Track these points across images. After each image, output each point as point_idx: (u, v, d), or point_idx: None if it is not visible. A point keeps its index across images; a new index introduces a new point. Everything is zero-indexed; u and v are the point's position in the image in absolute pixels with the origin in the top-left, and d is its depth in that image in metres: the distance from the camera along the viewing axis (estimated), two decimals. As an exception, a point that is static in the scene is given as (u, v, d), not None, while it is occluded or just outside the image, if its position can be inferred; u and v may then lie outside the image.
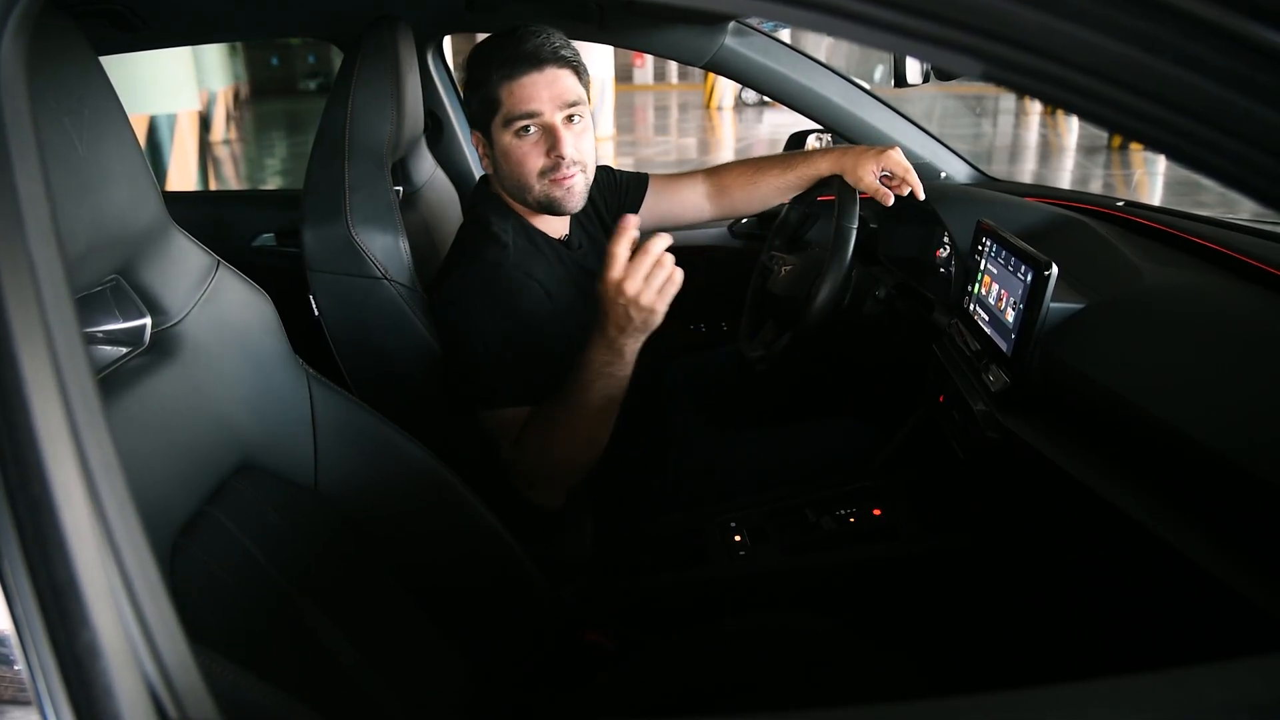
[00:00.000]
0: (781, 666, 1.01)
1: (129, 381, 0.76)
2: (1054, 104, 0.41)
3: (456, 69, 1.84)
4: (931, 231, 1.59)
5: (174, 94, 6.56)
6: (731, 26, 1.72)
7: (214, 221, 1.97)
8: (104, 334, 0.77)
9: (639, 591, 1.33)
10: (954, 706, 0.43)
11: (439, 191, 1.73)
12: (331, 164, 1.32)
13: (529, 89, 1.23)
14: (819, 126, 1.84)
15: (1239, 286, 1.01)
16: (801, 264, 1.50)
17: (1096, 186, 7.30)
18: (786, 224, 1.64)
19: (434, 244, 1.59)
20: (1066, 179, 7.83)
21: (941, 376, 1.29)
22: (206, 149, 7.48)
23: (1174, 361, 0.91)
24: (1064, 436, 0.98)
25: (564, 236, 1.40)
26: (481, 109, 1.29)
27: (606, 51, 10.62)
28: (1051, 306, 1.03)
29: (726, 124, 12.89)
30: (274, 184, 8.47)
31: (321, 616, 0.84)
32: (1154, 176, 7.64)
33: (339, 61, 1.46)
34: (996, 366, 1.12)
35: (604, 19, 1.71)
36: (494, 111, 1.27)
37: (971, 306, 1.25)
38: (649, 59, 16.94)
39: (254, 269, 0.99)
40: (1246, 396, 0.81)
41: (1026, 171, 8.25)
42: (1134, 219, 1.36)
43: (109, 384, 0.74)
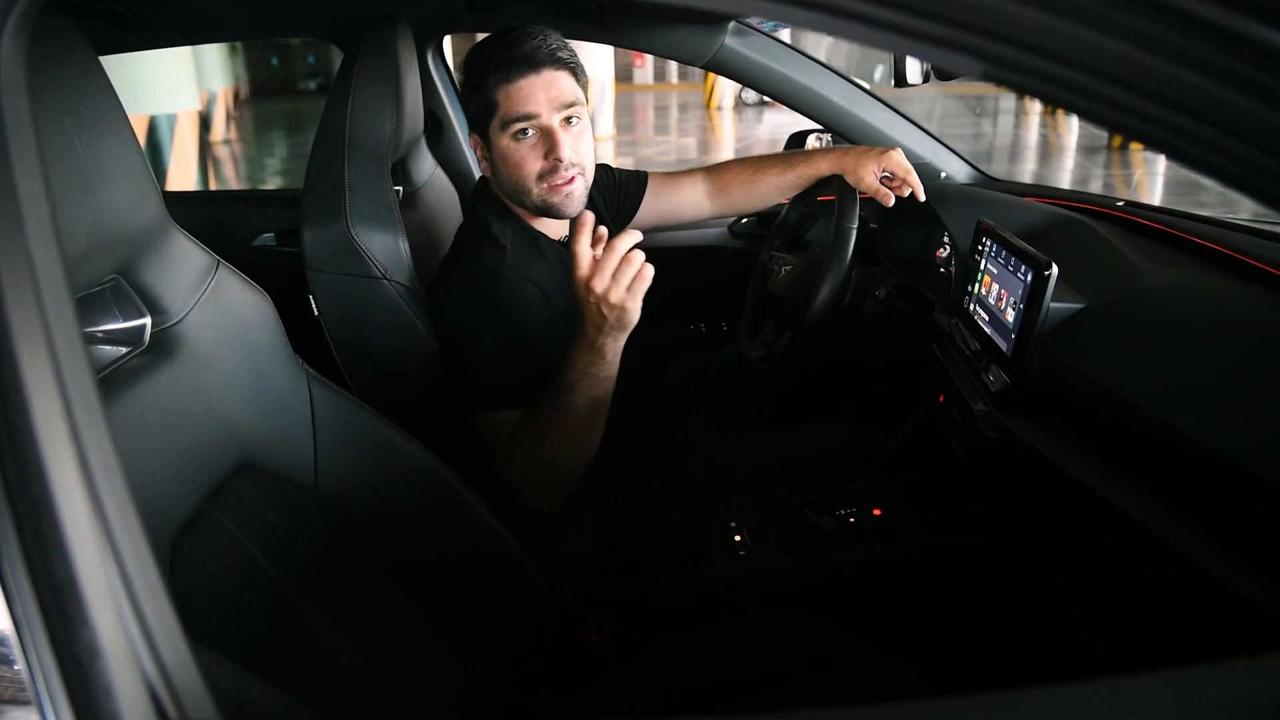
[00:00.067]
0: (781, 666, 1.01)
1: (129, 381, 0.76)
2: (1054, 104, 0.41)
3: (456, 69, 1.84)
4: (931, 231, 1.59)
5: (174, 94, 6.56)
6: (731, 26, 1.72)
7: (214, 221, 1.97)
8: (104, 334, 0.77)
9: (639, 591, 1.33)
10: (954, 706, 0.43)
11: (439, 191, 1.73)
12: (331, 164, 1.32)
13: (525, 91, 1.23)
14: (819, 126, 1.84)
15: (1239, 286, 1.01)
16: (801, 264, 1.50)
17: (1096, 186, 7.30)
18: (786, 224, 1.64)
19: (434, 244, 1.59)
20: (1066, 179, 7.83)
21: (941, 376, 1.29)
22: (206, 149, 7.48)
23: (1174, 361, 0.91)
24: (1064, 436, 0.98)
25: (564, 238, 1.40)
26: (479, 112, 1.28)
27: (606, 51, 10.62)
28: (1051, 306, 1.03)
29: (726, 124, 12.89)
30: (274, 184, 8.47)
31: (321, 616, 0.84)
32: (1154, 176, 7.64)
33: (339, 61, 1.46)
34: (996, 366, 1.12)
35: (604, 19, 1.71)
36: (491, 114, 1.26)
37: (971, 306, 1.25)
38: (649, 59, 16.95)
39: (254, 269, 0.99)
40: (1246, 396, 0.81)
41: (1026, 171, 8.26)
42: (1134, 219, 1.36)
43: (109, 384, 0.74)
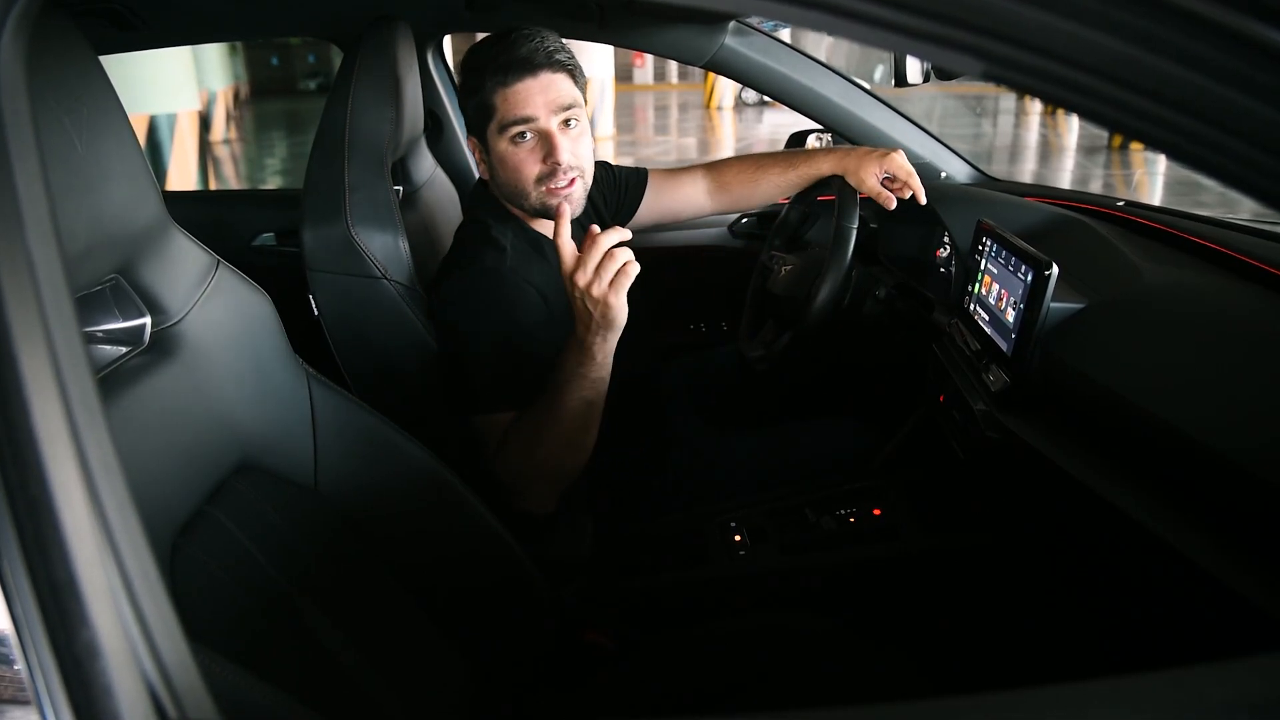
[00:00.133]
0: (781, 666, 1.01)
1: (129, 381, 0.76)
2: (1055, 103, 0.41)
3: (456, 69, 1.84)
4: (932, 231, 1.59)
5: (174, 93, 6.56)
6: (732, 26, 1.72)
7: (214, 221, 1.97)
8: (104, 333, 0.77)
9: (639, 591, 1.33)
10: (954, 706, 0.42)
11: (439, 191, 1.73)
12: (331, 164, 1.32)
13: (523, 95, 1.22)
14: (819, 126, 1.84)
15: (1239, 286, 1.01)
16: (801, 264, 1.50)
17: (1096, 186, 7.30)
18: (786, 224, 1.64)
19: (434, 244, 1.59)
20: (1066, 179, 7.83)
21: (941, 376, 1.29)
22: (206, 149, 7.48)
23: (1174, 361, 0.91)
24: (1064, 436, 0.98)
25: None
26: (476, 115, 1.27)
27: (606, 51, 10.62)
28: (1052, 306, 1.03)
29: (726, 124, 12.90)
30: (274, 184, 8.47)
31: (321, 616, 0.84)
32: (1154, 176, 7.65)
33: (339, 61, 1.46)
34: (996, 366, 1.12)
35: (604, 18, 1.71)
36: (489, 118, 1.25)
37: (971, 306, 1.25)
38: (649, 59, 16.95)
39: (254, 269, 0.99)
40: (1246, 396, 0.81)
41: (1026, 171, 8.26)
42: (1134, 219, 1.36)
43: (109, 383, 0.74)
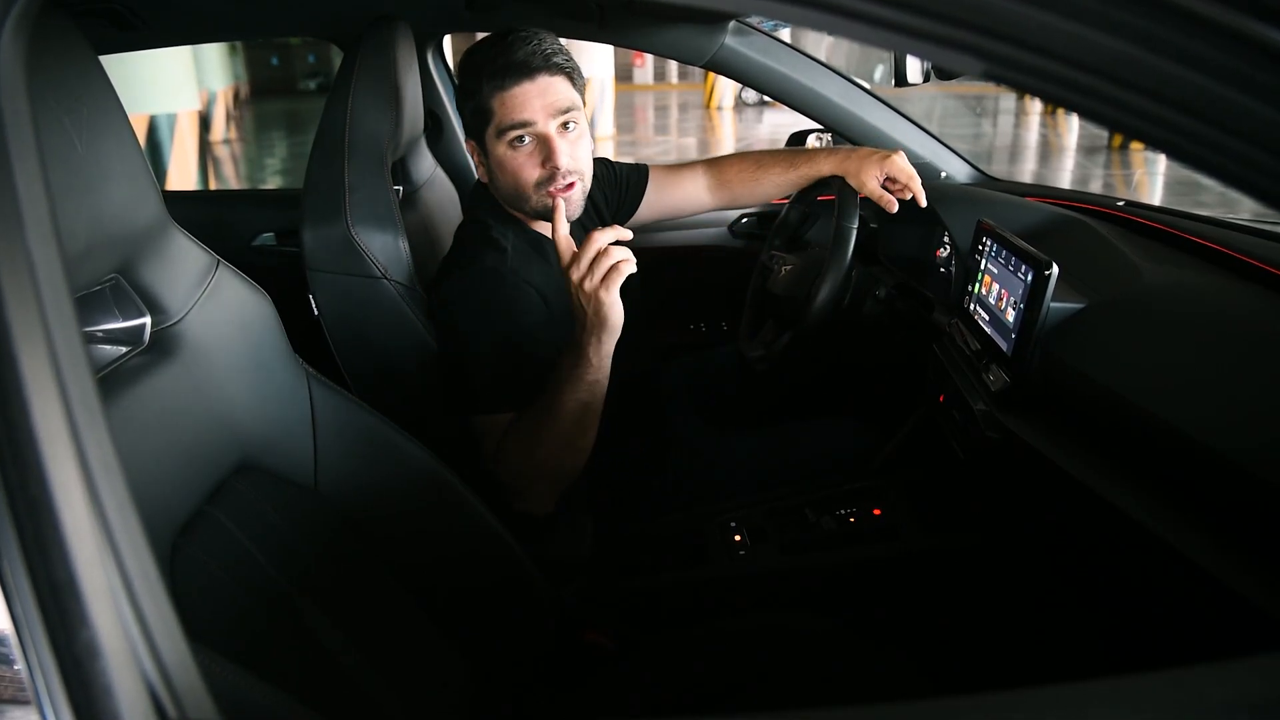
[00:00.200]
0: (781, 666, 1.01)
1: (128, 381, 0.76)
2: (1055, 102, 0.41)
3: (456, 68, 1.84)
4: (932, 231, 1.59)
5: (174, 93, 6.56)
6: (732, 26, 1.72)
7: (214, 221, 1.97)
8: (103, 333, 0.77)
9: (639, 591, 1.33)
10: (954, 706, 0.42)
11: (439, 191, 1.73)
12: (331, 164, 1.32)
13: (520, 99, 1.21)
14: (819, 126, 1.84)
15: (1239, 286, 1.01)
16: (801, 264, 1.50)
17: (1097, 186, 7.30)
18: (786, 224, 1.64)
19: (433, 243, 1.59)
20: (1066, 179, 7.83)
21: (941, 376, 1.29)
22: (206, 149, 7.48)
23: (1174, 361, 0.91)
24: (1064, 436, 0.98)
25: None
26: (474, 119, 1.27)
27: (606, 51, 10.62)
28: (1052, 306, 1.03)
29: (726, 124, 12.90)
30: (274, 184, 8.47)
31: (321, 616, 0.84)
32: (1154, 176, 7.65)
33: (339, 61, 1.46)
34: (997, 366, 1.12)
35: (604, 18, 1.71)
36: (486, 122, 1.25)
37: (972, 306, 1.25)
38: (649, 59, 16.95)
39: (254, 268, 0.99)
40: (1246, 396, 0.81)
41: (1027, 171, 8.26)
42: (1134, 219, 1.36)
43: (108, 383, 0.74)
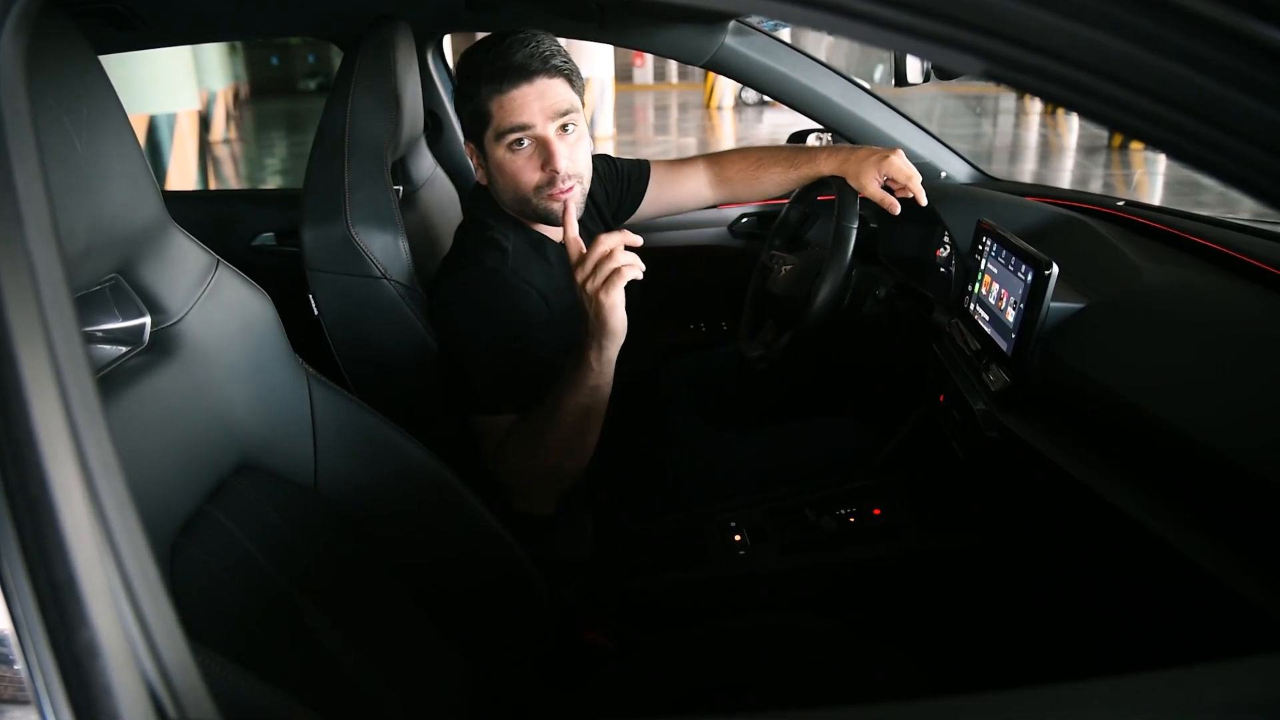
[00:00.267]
0: (781, 666, 1.01)
1: (128, 381, 0.76)
2: (1055, 102, 0.41)
3: (456, 68, 1.84)
4: (932, 231, 1.59)
5: (174, 93, 6.57)
6: (732, 26, 1.72)
7: (214, 221, 1.97)
8: (103, 333, 0.77)
9: (639, 591, 1.33)
10: (954, 706, 0.42)
11: (439, 191, 1.73)
12: (331, 163, 1.32)
13: (519, 102, 1.21)
14: (819, 126, 1.84)
15: (1239, 286, 1.01)
16: (801, 264, 1.50)
17: (1096, 186, 7.30)
18: (786, 224, 1.64)
19: (433, 243, 1.59)
20: (1066, 179, 7.83)
21: (941, 376, 1.29)
22: (206, 148, 7.48)
23: (1174, 361, 0.91)
24: (1064, 436, 0.98)
25: None
26: (472, 122, 1.27)
27: (606, 51, 10.61)
28: (1052, 306, 1.03)
29: (726, 124, 12.89)
30: (274, 184, 8.47)
31: (321, 616, 0.84)
32: (1154, 176, 7.64)
33: (339, 61, 1.46)
34: (997, 366, 1.12)
35: (604, 18, 1.71)
36: (485, 125, 1.24)
37: (972, 306, 1.25)
38: (649, 58, 16.95)
39: (254, 268, 0.99)
40: (1246, 396, 0.81)
41: (1026, 171, 8.26)
42: (1134, 219, 1.36)
43: (108, 383, 0.74)
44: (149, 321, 0.79)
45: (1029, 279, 1.05)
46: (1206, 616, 0.76)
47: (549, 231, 1.36)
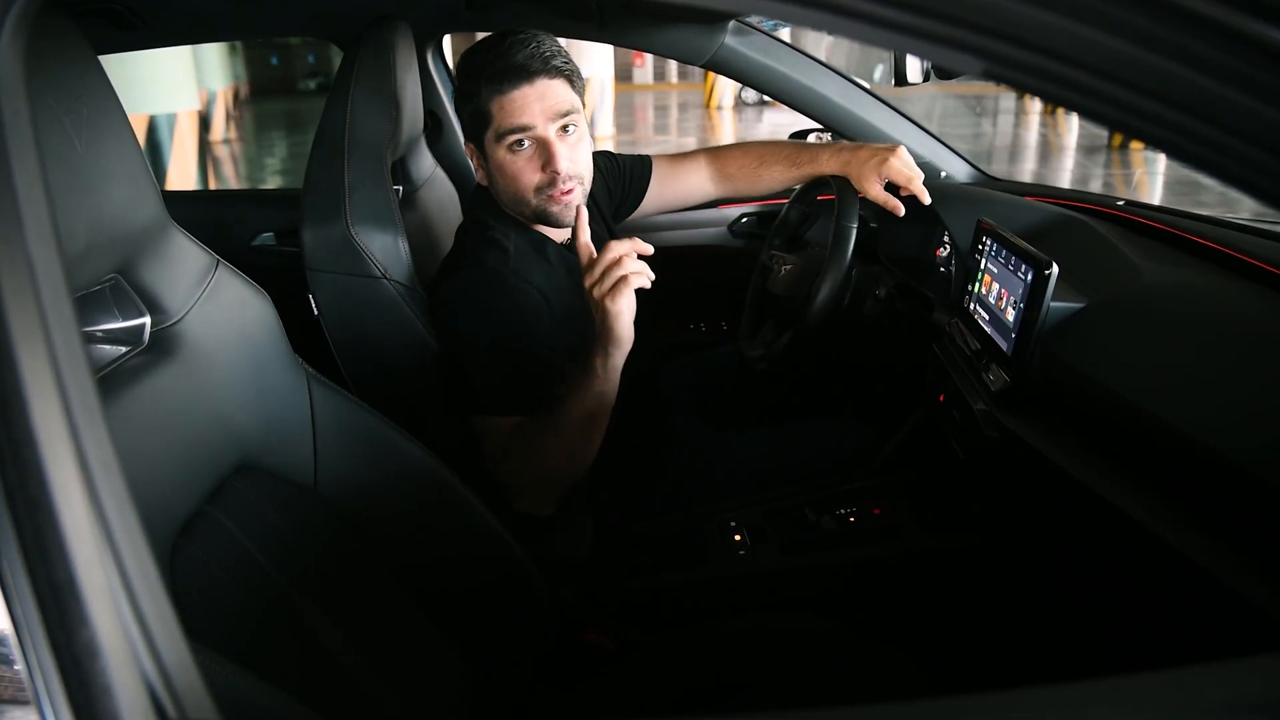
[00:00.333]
0: (781, 666, 1.01)
1: (128, 381, 0.76)
2: (1055, 102, 0.41)
3: (456, 68, 1.84)
4: (931, 231, 1.59)
5: (174, 93, 6.56)
6: (731, 25, 1.72)
7: (214, 221, 1.97)
8: (103, 333, 0.77)
9: (639, 591, 1.33)
10: (954, 706, 0.42)
11: (439, 191, 1.73)
12: (331, 163, 1.32)
13: (519, 102, 1.21)
14: (819, 126, 1.84)
15: (1239, 286, 1.01)
16: (801, 263, 1.50)
17: (1096, 186, 7.30)
18: (786, 223, 1.64)
19: (433, 243, 1.59)
20: (1066, 178, 7.83)
21: (941, 376, 1.29)
22: (206, 148, 7.48)
23: (1174, 361, 0.91)
24: (1064, 436, 0.98)
25: (566, 240, 1.39)
26: (472, 122, 1.26)
27: (606, 51, 10.61)
28: (1052, 306, 1.03)
29: (726, 123, 12.89)
30: (274, 183, 8.47)
31: (321, 616, 0.84)
32: (1154, 176, 7.64)
33: (339, 61, 1.46)
34: (997, 366, 1.12)
35: (604, 18, 1.71)
36: (485, 125, 1.24)
37: (972, 306, 1.25)
38: (649, 58, 16.95)
39: (253, 268, 0.99)
40: (1246, 396, 0.81)
41: (1026, 171, 8.26)
42: (1134, 218, 1.36)
43: (108, 383, 0.74)
44: (149, 321, 0.79)
45: (1029, 279, 1.05)
46: (1206, 616, 0.76)
47: (550, 232, 1.36)
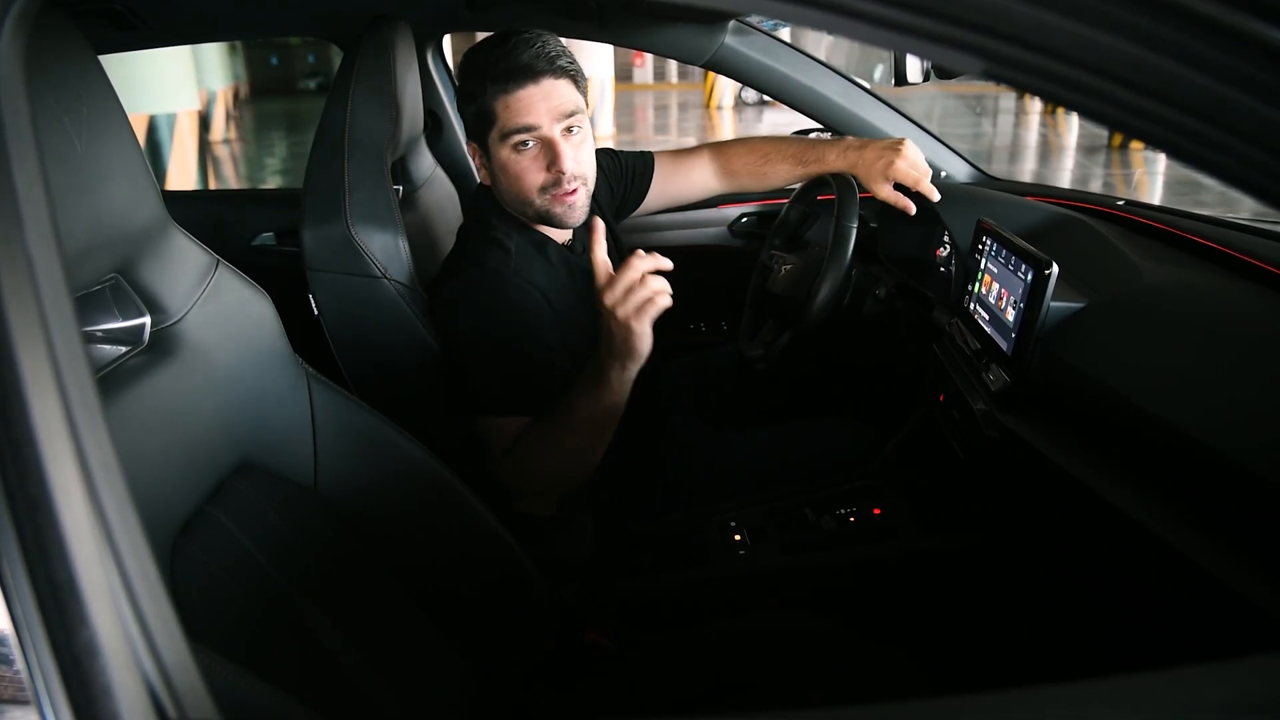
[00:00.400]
0: (781, 666, 1.01)
1: (128, 380, 0.76)
2: (1055, 102, 0.41)
3: (456, 68, 1.84)
4: (931, 231, 1.59)
5: (174, 93, 6.56)
6: (731, 25, 1.72)
7: (214, 221, 1.97)
8: (103, 333, 0.77)
9: (639, 591, 1.33)
10: (954, 706, 0.42)
11: (439, 190, 1.73)
12: (331, 163, 1.32)
13: (525, 102, 1.20)
14: (819, 126, 1.84)
15: (1239, 286, 1.01)
16: (801, 263, 1.50)
17: (1096, 186, 7.30)
18: (786, 223, 1.64)
19: (433, 243, 1.59)
20: (1066, 178, 7.83)
21: (941, 376, 1.29)
22: (206, 148, 7.48)
23: (1174, 361, 0.91)
24: (1064, 436, 0.98)
25: (567, 241, 1.39)
26: (476, 121, 1.26)
27: (606, 51, 10.61)
28: (1052, 305, 1.03)
29: (726, 123, 12.89)
30: (274, 183, 8.47)
31: (321, 616, 0.84)
32: (1154, 176, 7.64)
33: (339, 61, 1.46)
34: (997, 366, 1.12)
35: (603, 18, 1.71)
36: (490, 125, 1.24)
37: (972, 306, 1.25)
38: (649, 58, 16.95)
39: (254, 268, 0.99)
40: (1246, 396, 0.81)
41: (1026, 171, 8.26)
42: (1134, 218, 1.36)
43: (108, 383, 0.74)
44: (149, 321, 0.79)
45: (1029, 278, 1.05)
46: (1206, 616, 0.76)
47: (551, 232, 1.36)
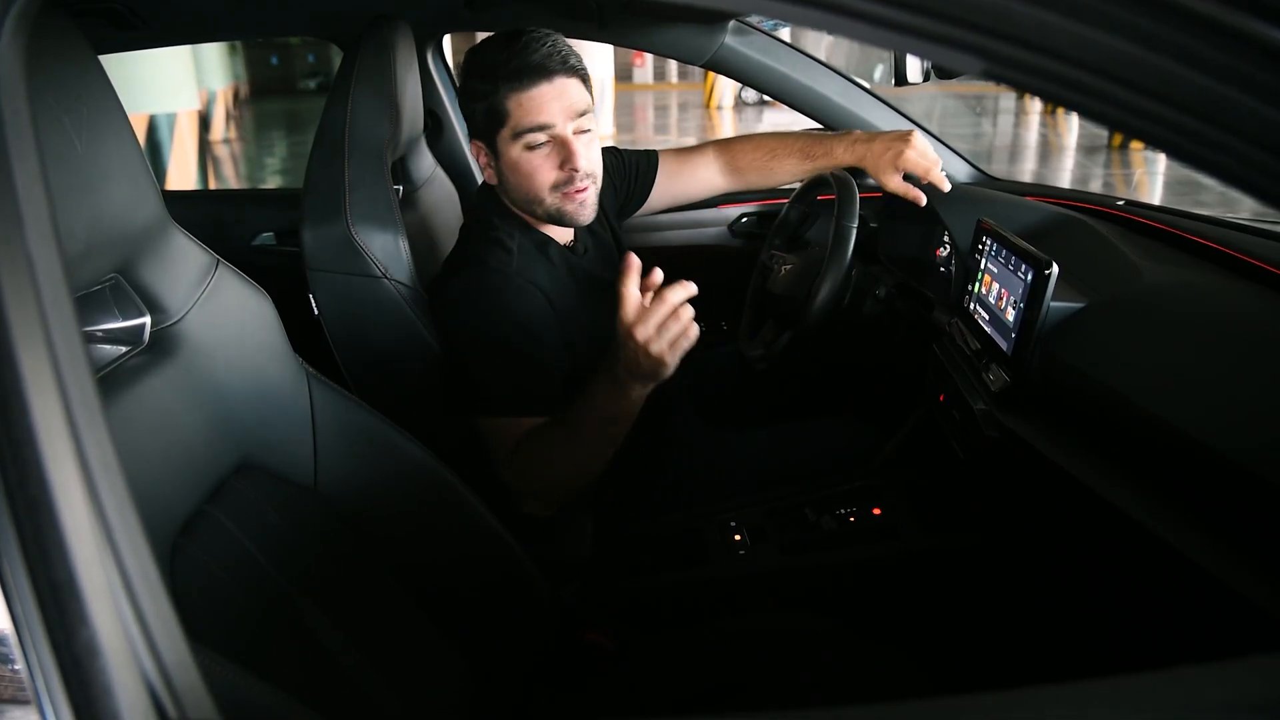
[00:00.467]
0: (781, 666, 1.01)
1: (128, 380, 0.76)
2: (1055, 102, 0.41)
3: (456, 68, 1.83)
4: (931, 231, 1.59)
5: (173, 93, 6.56)
6: (731, 25, 1.72)
7: (214, 221, 1.97)
8: (103, 333, 0.77)
9: (639, 591, 1.33)
10: (954, 706, 0.42)
11: (439, 190, 1.73)
12: (331, 163, 1.32)
13: (539, 101, 1.21)
14: (819, 126, 1.84)
15: (1239, 286, 1.01)
16: (801, 263, 1.50)
17: (1097, 186, 7.30)
18: (786, 223, 1.64)
19: (433, 243, 1.59)
20: (1066, 178, 7.83)
21: (941, 376, 1.29)
22: (206, 148, 7.48)
23: (1174, 361, 0.91)
24: (1064, 436, 0.98)
25: (570, 242, 1.39)
26: (486, 120, 1.25)
27: (606, 51, 10.61)
28: (1052, 305, 1.03)
29: (726, 123, 12.89)
30: (274, 183, 8.47)
31: (321, 616, 0.84)
32: (1154, 176, 7.64)
33: (339, 61, 1.46)
34: (997, 366, 1.12)
35: (603, 18, 1.71)
36: (501, 123, 1.24)
37: (972, 306, 1.25)
38: (649, 58, 16.95)
39: (254, 268, 0.99)
40: (1246, 396, 0.81)
41: (1026, 171, 8.25)
42: (1134, 218, 1.36)
43: (108, 383, 0.74)
44: (149, 321, 0.79)
45: (1029, 278, 1.05)
46: (1206, 616, 0.76)
47: (554, 232, 1.36)
